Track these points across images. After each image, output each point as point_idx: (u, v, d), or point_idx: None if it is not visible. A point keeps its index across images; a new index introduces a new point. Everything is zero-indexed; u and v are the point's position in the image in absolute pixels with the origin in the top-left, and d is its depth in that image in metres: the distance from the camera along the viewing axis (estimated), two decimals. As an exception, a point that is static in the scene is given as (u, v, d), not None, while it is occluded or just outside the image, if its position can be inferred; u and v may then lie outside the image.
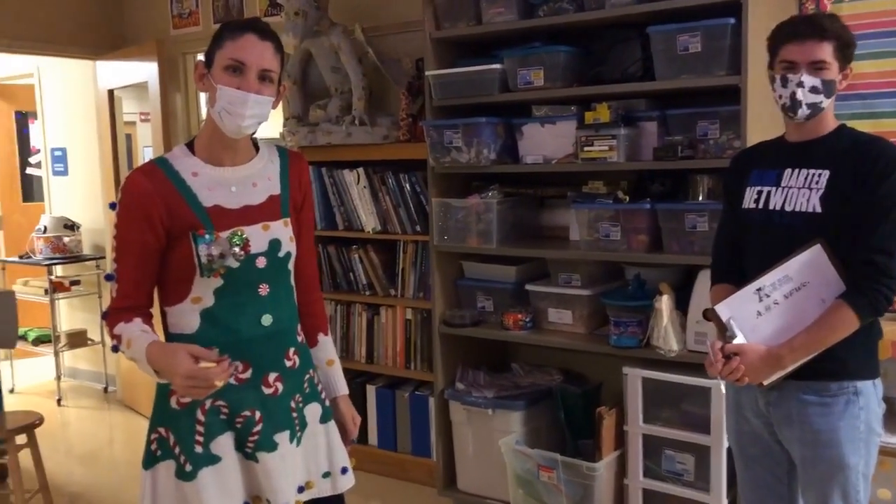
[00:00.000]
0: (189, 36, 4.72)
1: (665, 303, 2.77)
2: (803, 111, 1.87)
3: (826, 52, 1.84)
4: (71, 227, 5.33)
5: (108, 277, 1.71)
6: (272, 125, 4.24)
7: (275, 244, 1.74)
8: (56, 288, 5.29)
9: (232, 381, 1.66)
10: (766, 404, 1.96)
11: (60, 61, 5.20)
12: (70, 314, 5.72)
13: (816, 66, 1.84)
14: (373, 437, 3.87)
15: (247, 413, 1.70)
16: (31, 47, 4.76)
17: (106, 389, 5.49)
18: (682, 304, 2.80)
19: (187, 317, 1.70)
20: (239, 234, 1.68)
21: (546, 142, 3.09)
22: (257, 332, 1.73)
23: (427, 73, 3.22)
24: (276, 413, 1.74)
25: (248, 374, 1.72)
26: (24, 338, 5.63)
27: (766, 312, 1.88)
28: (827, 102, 1.87)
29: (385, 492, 3.70)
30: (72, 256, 5.33)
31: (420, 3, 3.24)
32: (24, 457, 3.48)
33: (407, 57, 3.66)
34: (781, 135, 2.00)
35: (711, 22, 2.64)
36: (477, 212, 3.21)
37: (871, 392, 1.90)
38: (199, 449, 1.68)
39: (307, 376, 1.84)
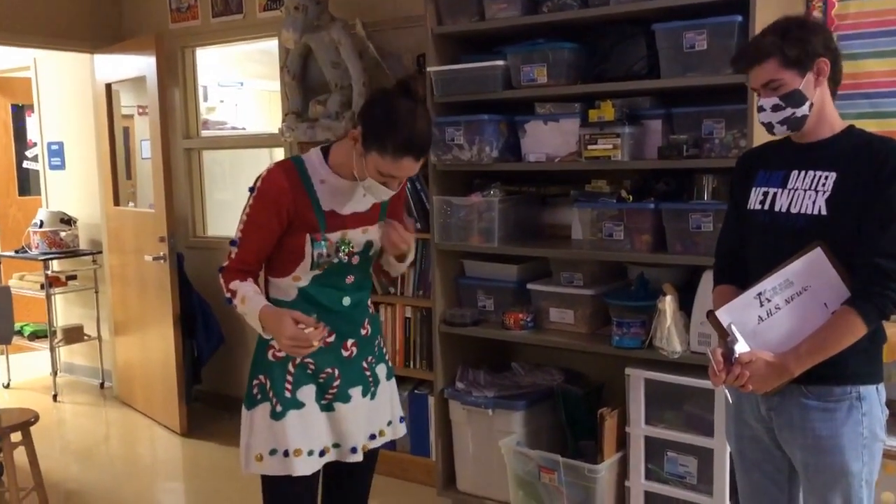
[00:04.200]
0: (188, 30, 4.67)
1: (668, 303, 2.74)
2: (780, 129, 1.88)
3: (770, 70, 1.83)
4: (67, 221, 5.29)
5: (233, 243, 2.01)
6: (272, 121, 4.22)
7: (368, 245, 2.07)
8: (52, 283, 5.24)
9: (315, 344, 1.95)
10: (768, 409, 1.93)
11: (57, 54, 5.15)
12: (66, 309, 5.68)
13: (770, 87, 1.84)
14: (371, 435, 3.83)
15: (328, 370, 2.05)
16: (27, 40, 4.71)
17: (102, 385, 5.45)
18: (685, 305, 2.77)
19: (287, 289, 2.04)
20: (347, 241, 2.01)
21: (549, 140, 3.06)
22: (339, 309, 2.07)
23: (428, 69, 3.19)
24: (351, 372, 2.09)
25: (331, 339, 2.05)
26: (19, 333, 5.58)
27: (768, 318, 1.85)
28: (804, 110, 1.84)
29: (384, 492, 3.65)
30: (68, 251, 5.29)
31: (422, -3, 3.20)
32: (20, 454, 3.45)
33: (408, 52, 3.63)
34: (788, 135, 1.96)
35: (718, 19, 2.61)
36: (478, 210, 3.17)
37: (874, 397, 1.87)
38: (287, 394, 2.02)
39: (377, 341, 2.20)
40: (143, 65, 4.40)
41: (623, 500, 2.93)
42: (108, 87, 4.89)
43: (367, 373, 2.15)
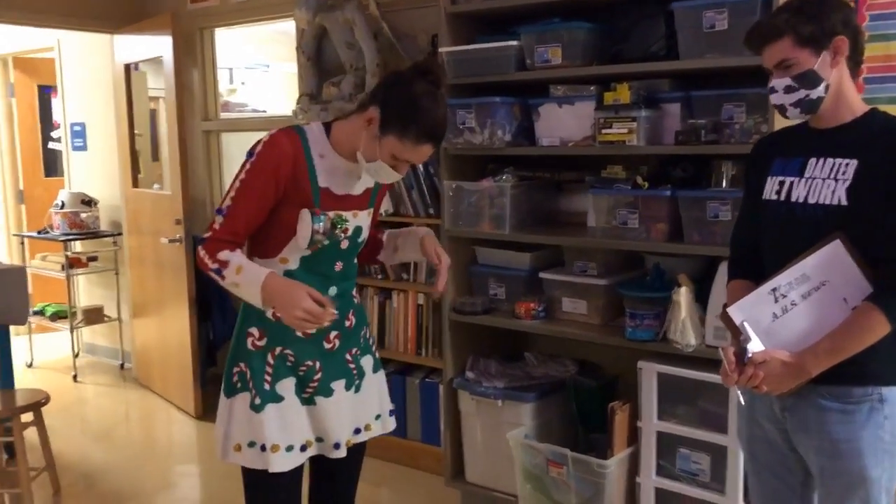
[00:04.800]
0: (206, 10, 4.63)
1: (683, 295, 2.63)
2: (793, 111, 1.78)
3: (783, 49, 1.72)
4: (88, 202, 5.31)
5: (219, 211, 1.88)
6: (285, 103, 4.17)
7: (357, 230, 1.99)
8: (73, 264, 5.27)
9: (300, 334, 1.91)
10: (782, 410, 1.83)
11: (80, 35, 5.15)
12: (88, 290, 5.72)
13: (782, 66, 1.74)
14: (382, 423, 3.79)
15: (309, 363, 1.97)
16: (48, 20, 4.71)
17: (122, 366, 5.48)
18: (701, 297, 2.66)
19: (273, 270, 1.88)
20: (342, 219, 1.91)
21: (563, 123, 2.95)
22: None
23: (441, 49, 3.09)
24: (333, 364, 2.01)
25: (313, 331, 1.92)
26: (41, 313, 5.65)
27: (783, 315, 1.75)
28: (819, 92, 1.73)
29: (393, 479, 3.63)
30: (89, 232, 5.31)
31: (435, -24, 3.11)
32: (33, 435, 3.47)
33: (423, 33, 3.54)
34: (806, 119, 1.85)
35: (740, -3, 2.48)
36: (490, 196, 3.08)
37: None
38: (266, 387, 1.94)
39: (362, 332, 2.11)
40: (160, 45, 4.37)
41: (633, 497, 2.85)
42: (128, 67, 4.87)
43: (351, 365, 2.07)
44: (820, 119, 1.79)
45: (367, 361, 2.13)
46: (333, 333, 2.01)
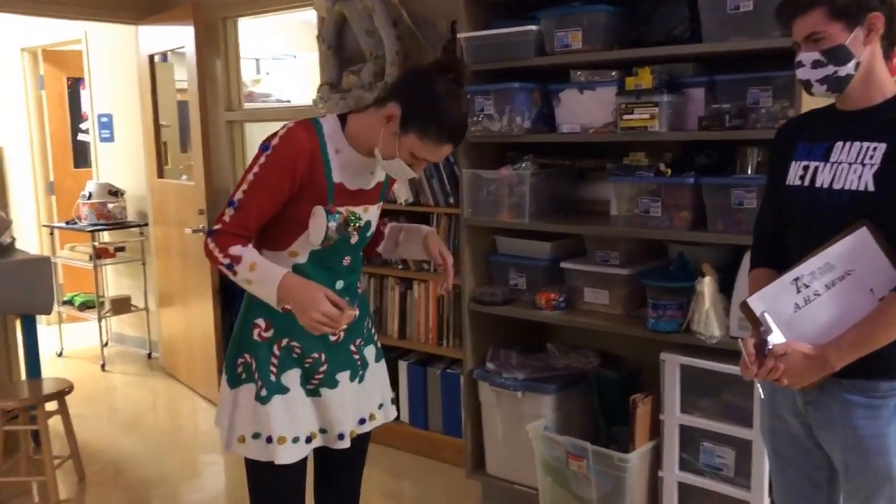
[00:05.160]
0: (228, 0, 4.62)
1: (707, 285, 2.56)
2: (818, 88, 1.69)
3: (815, 20, 1.64)
4: (115, 193, 5.35)
5: (230, 204, 1.83)
6: (305, 92, 4.15)
7: (367, 225, 1.97)
8: (100, 254, 5.32)
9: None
10: (805, 404, 1.77)
11: (107, 26, 5.17)
12: (116, 280, 5.78)
13: (812, 39, 1.66)
14: (404, 414, 3.77)
15: (315, 355, 1.95)
16: (73, 12, 4.73)
17: (150, 356, 5.53)
18: (726, 287, 2.59)
19: (281, 263, 1.86)
20: (356, 216, 1.88)
21: (585, 109, 2.88)
22: None
23: (459, 35, 3.04)
24: (338, 356, 1.99)
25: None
26: (70, 303, 5.72)
27: (806, 305, 1.68)
28: (849, 69, 1.65)
29: (414, 471, 3.61)
30: (116, 223, 5.36)
31: (454, -40, 3.05)
32: (59, 424, 3.51)
33: (442, 19, 3.48)
34: (833, 102, 1.77)
35: (765, -23, 2.39)
36: (509, 184, 3.03)
37: None
38: (272, 378, 1.92)
39: (365, 323, 2.11)
40: (182, 36, 4.37)
41: (655, 491, 2.79)
42: (151, 58, 4.88)
43: (356, 356, 2.05)
44: (847, 100, 1.71)
45: (369, 352, 2.12)
46: None
